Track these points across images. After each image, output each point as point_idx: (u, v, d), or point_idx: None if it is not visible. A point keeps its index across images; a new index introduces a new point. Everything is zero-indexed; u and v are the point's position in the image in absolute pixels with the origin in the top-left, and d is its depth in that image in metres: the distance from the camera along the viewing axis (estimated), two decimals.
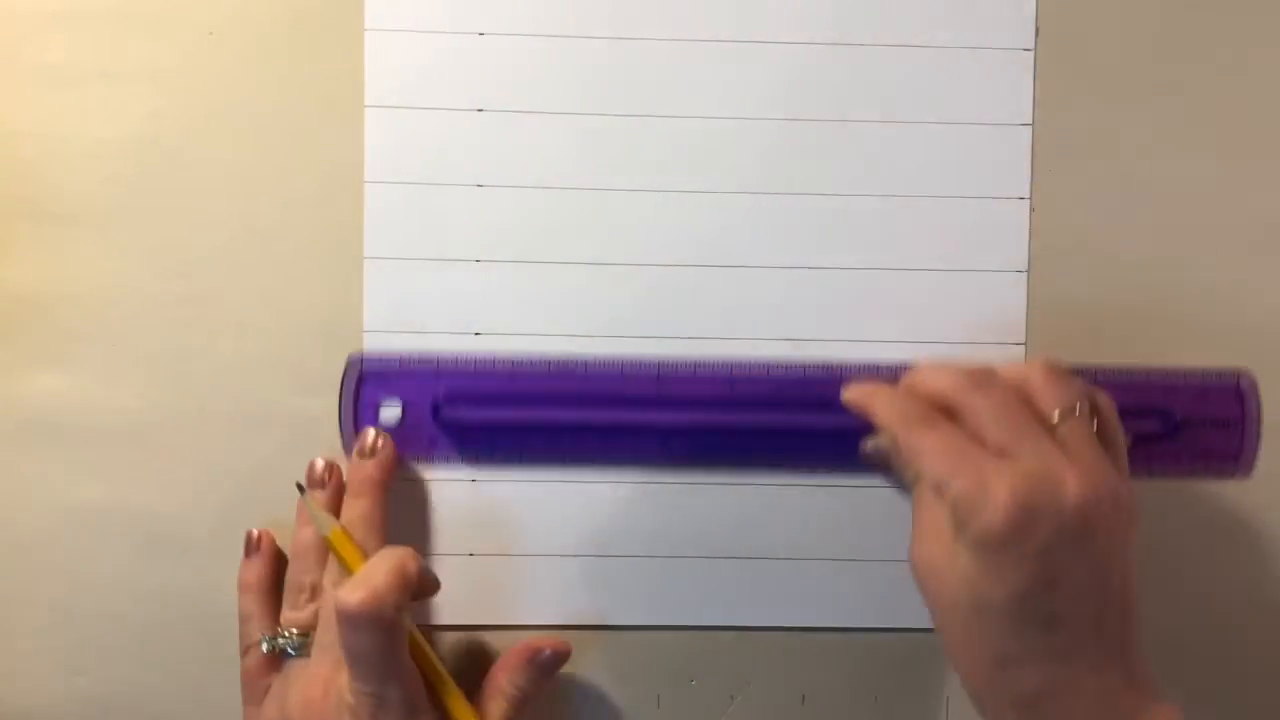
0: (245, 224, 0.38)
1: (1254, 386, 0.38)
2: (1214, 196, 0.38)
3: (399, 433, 0.37)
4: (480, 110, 0.38)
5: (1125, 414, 0.35)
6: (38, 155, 0.37)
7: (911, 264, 0.38)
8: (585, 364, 0.38)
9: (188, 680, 0.38)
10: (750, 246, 0.38)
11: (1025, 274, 0.38)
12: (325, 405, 0.38)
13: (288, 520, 0.37)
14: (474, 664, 0.38)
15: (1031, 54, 0.38)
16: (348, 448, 0.37)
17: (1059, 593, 0.30)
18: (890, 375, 0.35)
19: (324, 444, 0.38)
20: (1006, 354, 0.38)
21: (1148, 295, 0.39)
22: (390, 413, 0.38)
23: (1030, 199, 0.38)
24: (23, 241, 0.37)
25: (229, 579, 0.38)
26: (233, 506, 0.38)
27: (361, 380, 0.37)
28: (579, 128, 0.38)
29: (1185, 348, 0.38)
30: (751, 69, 0.38)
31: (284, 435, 0.38)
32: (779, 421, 0.38)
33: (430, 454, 0.38)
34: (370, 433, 0.37)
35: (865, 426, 0.34)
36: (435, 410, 0.37)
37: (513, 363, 0.37)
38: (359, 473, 0.36)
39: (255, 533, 0.37)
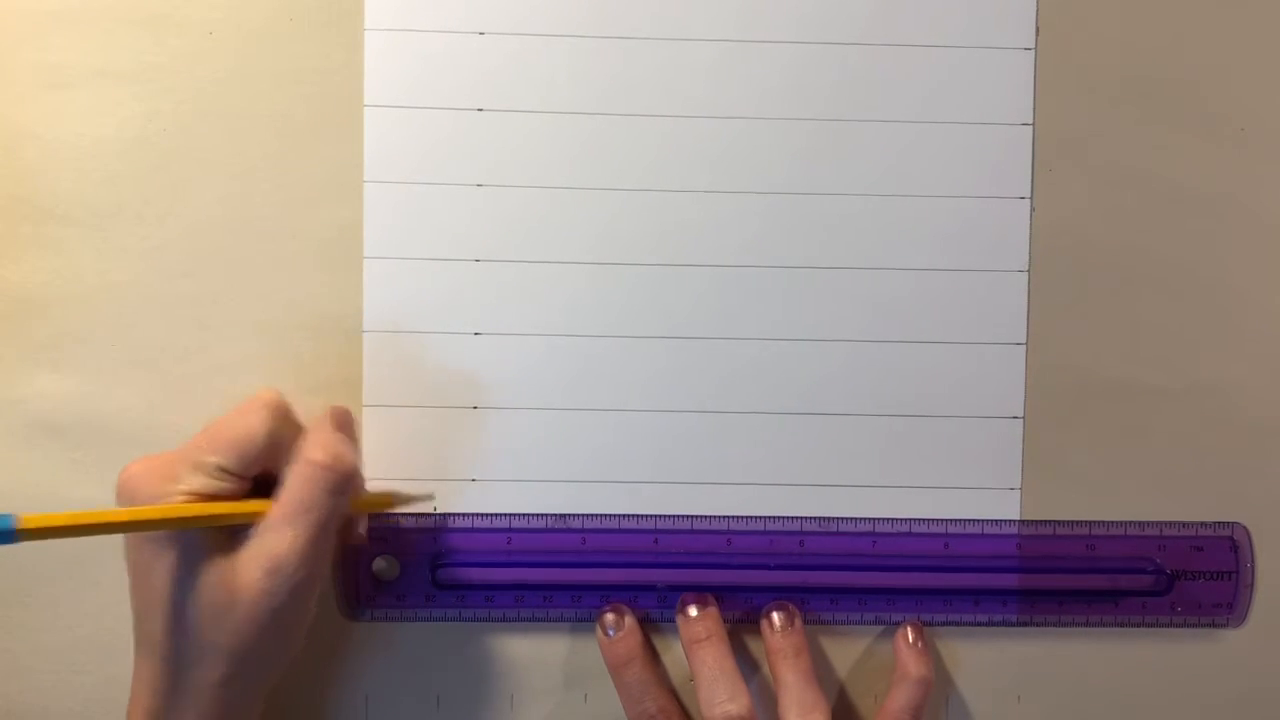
0: (245, 224, 0.38)
1: (1248, 538, 0.39)
2: (1214, 196, 0.38)
3: (395, 588, 0.38)
4: (480, 110, 0.38)
5: (1119, 570, 0.38)
6: (38, 155, 0.37)
7: (911, 264, 0.38)
8: (582, 519, 0.38)
9: None
10: (750, 246, 0.38)
11: (1025, 274, 0.38)
12: (325, 405, 0.38)
13: None
14: None
15: (1031, 54, 0.38)
16: (346, 609, 0.38)
17: None
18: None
19: None
20: (1006, 354, 0.38)
21: (1148, 296, 0.39)
22: (388, 570, 0.38)
23: (1030, 199, 0.38)
24: (23, 241, 0.37)
25: None
26: None
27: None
28: (579, 128, 0.38)
29: (1184, 352, 0.39)
30: (752, 69, 0.38)
31: None
32: (777, 579, 0.38)
33: (429, 612, 0.38)
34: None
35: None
36: (433, 569, 0.38)
37: (509, 519, 0.38)
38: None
39: None
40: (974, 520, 0.39)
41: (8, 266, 0.37)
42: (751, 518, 0.38)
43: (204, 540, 0.32)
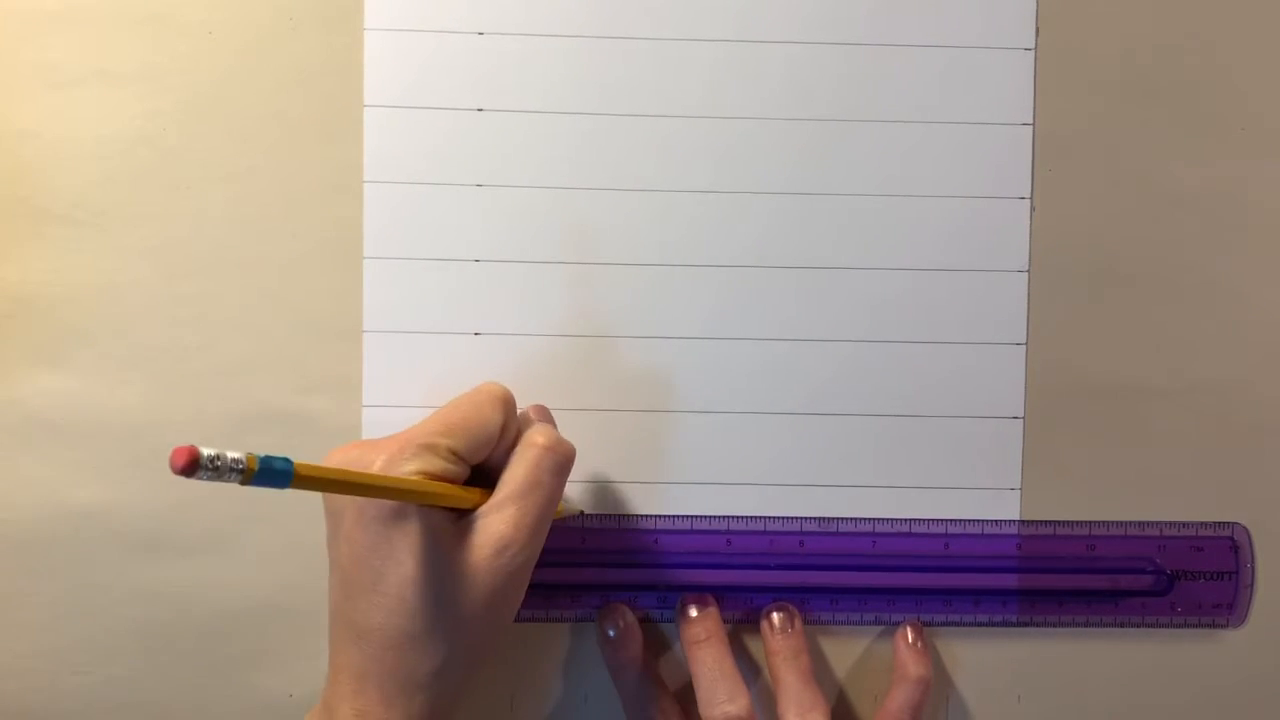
0: (245, 224, 0.38)
1: (1248, 538, 0.39)
2: (1214, 196, 0.38)
3: None
4: (480, 110, 0.38)
5: (1119, 570, 0.38)
6: (38, 155, 0.37)
7: (911, 264, 0.38)
8: (582, 519, 0.38)
9: (188, 680, 0.38)
10: (749, 246, 0.38)
11: (1025, 274, 0.38)
12: (325, 405, 0.38)
13: (284, 522, 0.37)
14: None
15: (1031, 54, 0.38)
16: None
17: None
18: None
19: (324, 444, 0.38)
20: (1006, 354, 0.38)
21: (1147, 296, 0.39)
22: None
23: (1030, 199, 0.38)
24: (23, 241, 0.37)
25: (229, 579, 0.38)
26: (233, 506, 0.38)
27: None
28: (579, 128, 0.38)
29: (1184, 352, 0.39)
30: (751, 69, 0.38)
31: (284, 435, 0.38)
32: (777, 579, 0.39)
33: None
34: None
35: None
36: None
37: None
38: None
39: None
40: (974, 520, 0.39)
41: (8, 266, 0.37)
42: (751, 518, 0.38)
43: (438, 521, 0.32)
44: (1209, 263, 0.39)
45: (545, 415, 0.37)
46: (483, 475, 0.34)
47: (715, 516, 0.38)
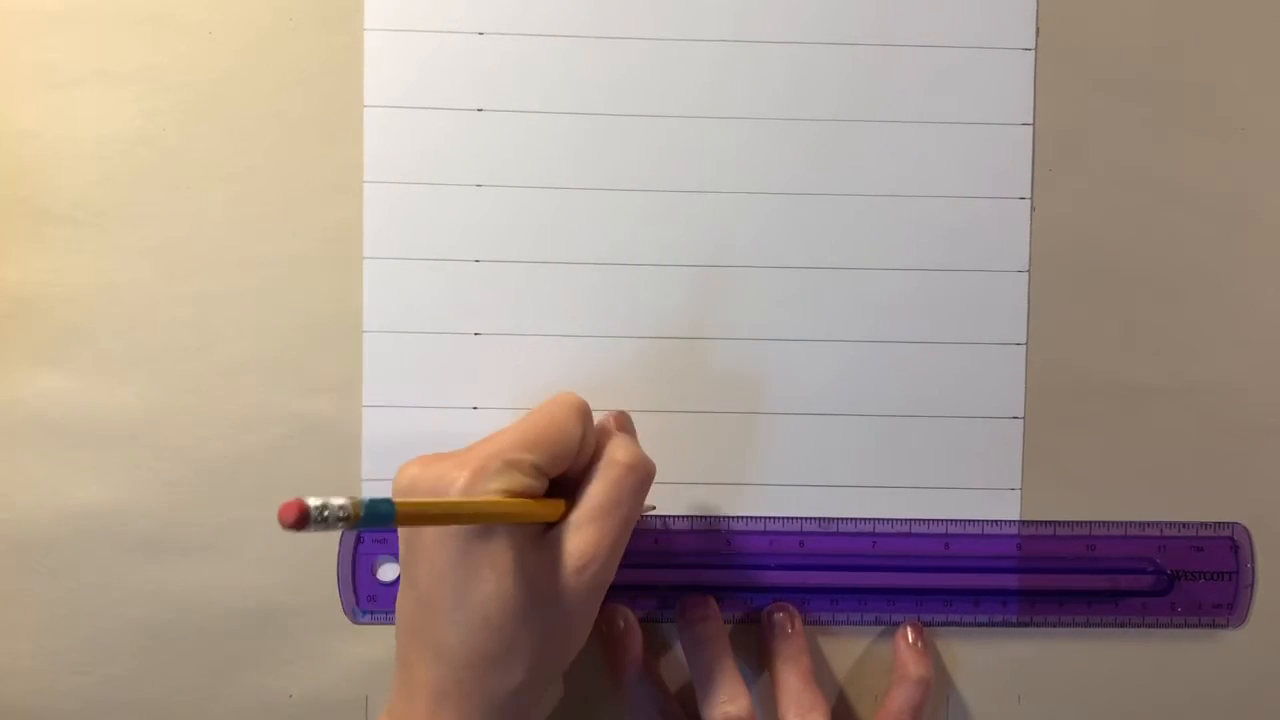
0: (245, 224, 0.38)
1: (1248, 538, 0.39)
2: (1214, 196, 0.38)
3: (395, 590, 0.37)
4: (480, 110, 0.38)
5: (1119, 570, 0.38)
6: (38, 155, 0.37)
7: (912, 264, 0.38)
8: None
9: (188, 680, 0.38)
10: (750, 247, 0.38)
11: (1025, 274, 0.38)
12: (325, 405, 0.38)
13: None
14: None
15: (1031, 54, 0.38)
16: (348, 609, 0.38)
17: None
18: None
19: (324, 444, 0.38)
20: (1006, 354, 0.38)
21: (1148, 296, 0.39)
22: (389, 572, 0.38)
23: (1030, 199, 0.38)
24: (23, 241, 0.37)
25: (229, 579, 0.38)
26: (233, 506, 0.38)
27: (360, 539, 0.38)
28: (579, 128, 0.38)
29: (1184, 352, 0.39)
30: (751, 68, 0.38)
31: (284, 435, 0.38)
32: (777, 579, 0.39)
33: None
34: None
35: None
36: None
37: None
38: None
39: None
40: (974, 520, 0.39)
41: (8, 266, 0.37)
42: (751, 518, 0.38)
43: (521, 538, 0.31)
44: (1209, 263, 0.39)
45: (626, 424, 0.36)
46: (556, 483, 0.33)
47: (715, 517, 0.38)
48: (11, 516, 0.38)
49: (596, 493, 0.33)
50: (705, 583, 0.38)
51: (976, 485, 0.39)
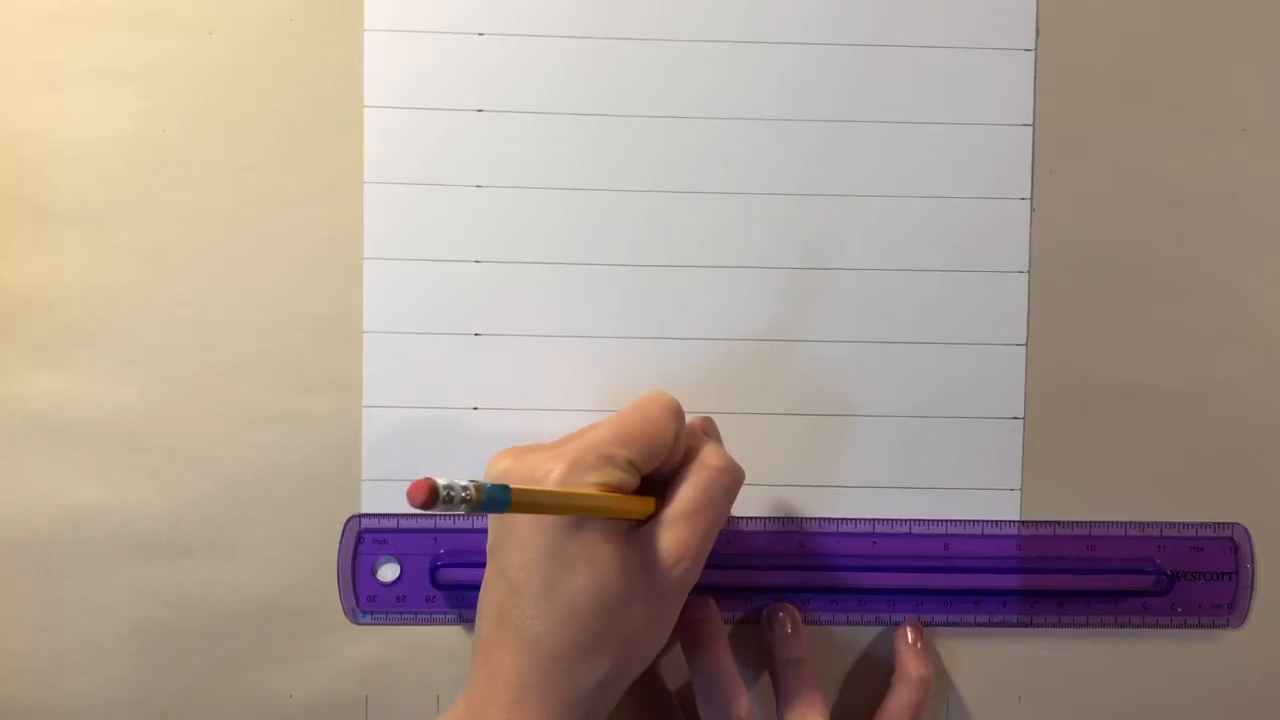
0: (245, 224, 0.38)
1: (1248, 538, 0.39)
2: (1214, 196, 0.38)
3: (395, 590, 0.38)
4: (480, 110, 0.38)
5: (1119, 570, 0.38)
6: (37, 155, 0.37)
7: (912, 264, 0.38)
8: None
9: (188, 680, 0.38)
10: (750, 247, 0.38)
11: (1025, 274, 0.38)
12: (325, 405, 0.38)
13: (283, 523, 0.37)
14: None
15: (1031, 54, 0.38)
16: (348, 610, 0.38)
17: None
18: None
19: (324, 444, 0.38)
20: (1006, 354, 0.38)
21: (1147, 296, 0.39)
22: (389, 572, 0.38)
23: (1030, 199, 0.38)
24: (23, 241, 0.37)
25: (229, 579, 0.38)
26: (232, 506, 0.38)
27: (360, 539, 0.38)
28: (579, 128, 0.38)
29: (1184, 352, 0.39)
30: (752, 69, 0.38)
31: (284, 435, 0.38)
32: (777, 579, 0.39)
33: (429, 614, 0.38)
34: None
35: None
36: (433, 571, 0.38)
37: None
38: None
39: None
40: (974, 521, 0.39)
41: (8, 266, 0.37)
42: (753, 518, 0.38)
43: (614, 533, 0.32)
44: (1209, 263, 0.39)
45: (711, 426, 0.37)
46: (645, 482, 0.33)
47: None
48: (11, 516, 0.38)
49: (689, 492, 0.33)
50: (705, 583, 0.38)
51: (976, 485, 0.39)
